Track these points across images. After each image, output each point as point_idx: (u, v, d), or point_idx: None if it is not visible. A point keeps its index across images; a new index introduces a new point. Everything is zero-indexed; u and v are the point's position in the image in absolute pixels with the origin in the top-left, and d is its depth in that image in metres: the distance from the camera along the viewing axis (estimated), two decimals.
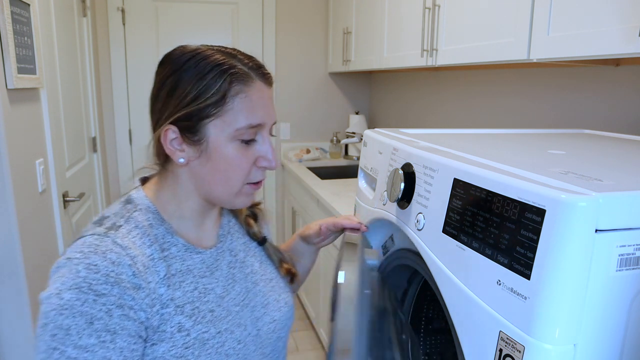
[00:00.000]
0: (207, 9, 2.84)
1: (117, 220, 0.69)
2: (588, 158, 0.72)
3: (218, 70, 0.67)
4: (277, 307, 0.82)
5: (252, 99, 0.69)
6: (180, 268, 0.72)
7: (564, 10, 1.06)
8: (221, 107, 0.67)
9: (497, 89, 1.82)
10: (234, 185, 0.72)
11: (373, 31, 2.23)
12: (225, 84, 0.67)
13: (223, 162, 0.70)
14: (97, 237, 0.65)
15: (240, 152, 0.70)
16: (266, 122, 0.71)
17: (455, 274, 0.63)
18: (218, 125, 0.68)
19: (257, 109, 0.69)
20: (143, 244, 0.68)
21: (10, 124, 1.35)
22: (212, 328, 0.71)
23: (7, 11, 1.32)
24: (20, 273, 1.39)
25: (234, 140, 0.69)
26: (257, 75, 0.71)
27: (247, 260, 0.83)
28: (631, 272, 0.50)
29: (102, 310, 0.60)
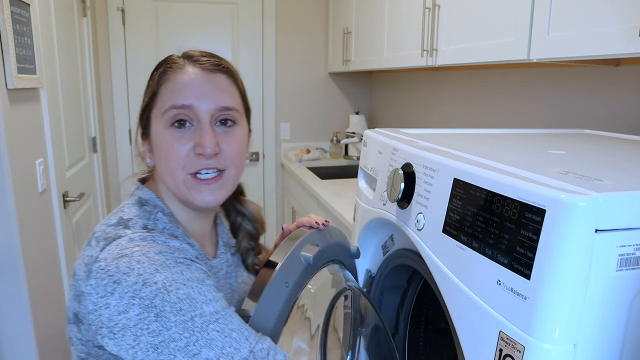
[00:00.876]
0: (207, 9, 2.84)
1: (146, 222, 0.68)
2: (588, 158, 0.72)
3: (158, 67, 0.72)
4: None
5: (176, 82, 0.69)
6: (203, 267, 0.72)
7: (564, 10, 1.06)
8: (155, 98, 0.70)
9: (497, 89, 1.82)
10: (176, 175, 0.68)
11: (373, 31, 2.23)
12: (157, 77, 0.71)
13: (161, 150, 0.69)
14: (142, 234, 0.64)
15: (174, 138, 0.68)
16: (195, 104, 0.67)
17: (455, 274, 0.63)
18: (155, 115, 0.70)
19: (182, 90, 0.68)
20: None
21: (10, 124, 1.35)
22: None
23: (7, 11, 1.32)
24: (20, 273, 1.39)
25: (167, 127, 0.68)
26: (192, 62, 0.71)
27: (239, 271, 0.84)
28: (631, 272, 0.50)
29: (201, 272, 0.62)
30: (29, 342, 1.45)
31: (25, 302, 1.41)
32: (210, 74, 0.70)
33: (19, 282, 1.39)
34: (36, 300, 1.49)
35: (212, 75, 0.70)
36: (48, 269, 1.64)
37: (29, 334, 1.44)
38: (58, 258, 1.76)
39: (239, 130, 0.72)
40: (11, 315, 1.41)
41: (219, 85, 0.70)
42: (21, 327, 1.43)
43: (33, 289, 1.46)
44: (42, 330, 1.53)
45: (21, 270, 1.39)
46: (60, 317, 1.75)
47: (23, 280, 1.40)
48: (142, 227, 0.67)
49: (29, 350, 1.45)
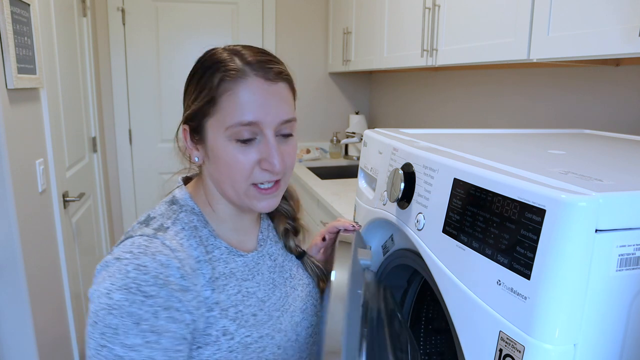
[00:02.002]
0: (207, 9, 2.84)
1: (164, 222, 0.69)
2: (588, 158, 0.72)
3: (212, 69, 0.67)
4: (314, 311, 0.81)
5: (242, 96, 0.66)
6: (224, 271, 0.72)
7: (564, 10, 1.06)
8: (213, 107, 0.67)
9: (497, 89, 1.82)
10: (238, 186, 0.69)
11: (373, 31, 2.23)
12: (215, 82, 0.67)
13: (222, 162, 0.68)
14: (146, 238, 0.65)
15: (238, 152, 0.67)
16: (262, 120, 0.67)
17: (455, 274, 0.63)
18: (213, 125, 0.68)
19: (248, 106, 0.66)
20: (190, 246, 0.68)
21: (10, 124, 1.35)
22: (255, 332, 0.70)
23: (7, 11, 1.32)
24: (20, 273, 1.39)
25: (230, 139, 0.67)
26: (254, 70, 0.67)
27: (286, 265, 0.82)
28: (631, 272, 0.50)
29: (149, 312, 0.60)
30: (29, 342, 1.45)
31: (25, 302, 1.41)
32: (273, 85, 0.68)
33: (19, 282, 1.39)
34: (36, 300, 1.49)
35: (275, 86, 0.68)
36: (48, 269, 1.64)
37: (29, 334, 1.44)
38: (58, 258, 1.76)
39: (294, 137, 0.73)
40: (11, 315, 1.41)
41: (282, 96, 0.69)
42: (21, 327, 1.43)
43: (33, 289, 1.46)
44: (42, 330, 1.53)
45: (21, 270, 1.39)
46: (60, 317, 1.75)
47: (23, 280, 1.40)
48: (158, 226, 0.68)
49: (29, 350, 1.45)
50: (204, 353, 0.66)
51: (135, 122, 2.87)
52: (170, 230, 0.68)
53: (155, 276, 0.61)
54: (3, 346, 1.42)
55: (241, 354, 0.68)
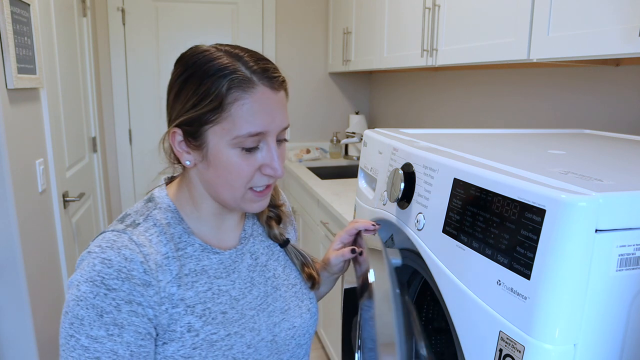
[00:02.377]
0: (207, 9, 2.84)
1: (137, 218, 0.71)
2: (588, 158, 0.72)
3: (218, 74, 0.65)
4: (298, 313, 0.80)
5: (252, 106, 0.65)
6: (195, 268, 0.72)
7: (564, 10, 1.06)
8: (220, 114, 0.65)
9: (497, 89, 1.82)
10: (236, 191, 0.70)
11: (373, 31, 2.23)
12: (223, 90, 0.65)
13: (223, 168, 0.68)
14: (115, 233, 0.68)
15: (241, 159, 0.67)
16: (269, 130, 0.67)
17: (455, 274, 0.63)
18: (218, 132, 0.66)
19: (258, 117, 0.66)
20: (159, 242, 0.70)
21: (10, 124, 1.35)
22: (222, 330, 0.71)
23: (7, 11, 1.32)
24: (20, 273, 1.39)
25: (234, 147, 0.67)
26: (262, 79, 0.66)
27: (270, 264, 0.81)
28: (631, 272, 0.50)
29: (111, 305, 0.63)
30: (29, 342, 1.45)
31: (25, 302, 1.41)
32: (277, 94, 0.69)
33: (19, 282, 1.39)
34: (36, 300, 1.49)
35: (278, 95, 0.69)
36: (48, 269, 1.64)
37: (29, 334, 1.44)
38: (58, 258, 1.76)
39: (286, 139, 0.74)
40: (11, 315, 1.41)
41: (282, 104, 0.70)
42: (21, 327, 1.43)
43: (33, 289, 1.46)
44: (42, 330, 1.53)
45: (21, 270, 1.39)
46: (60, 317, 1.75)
47: (23, 280, 1.40)
48: (130, 222, 0.70)
49: (29, 350, 1.45)
50: (169, 349, 0.67)
51: (135, 122, 2.87)
52: (140, 227, 0.70)
53: (118, 270, 0.64)
54: (3, 346, 1.42)
55: (205, 351, 0.68)
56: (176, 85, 0.69)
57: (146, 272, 0.66)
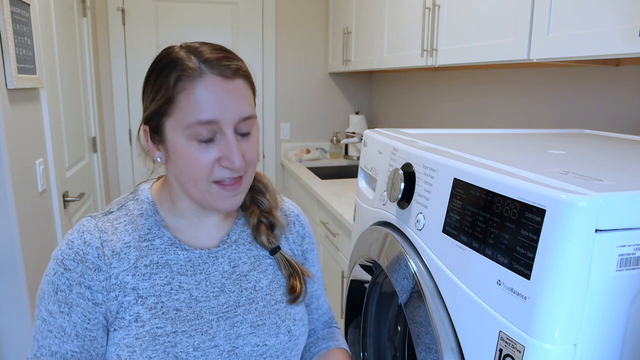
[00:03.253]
0: (207, 9, 2.84)
1: (112, 207, 0.76)
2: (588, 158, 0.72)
3: (168, 68, 0.67)
4: (274, 331, 0.75)
5: (198, 95, 0.65)
6: (158, 260, 0.72)
7: (564, 10, 1.06)
8: (170, 105, 0.67)
9: (497, 89, 1.82)
10: (200, 185, 0.69)
11: (373, 31, 2.23)
12: (172, 82, 0.66)
13: (182, 161, 0.68)
14: (89, 218, 0.73)
15: (198, 151, 0.67)
16: (221, 118, 0.66)
17: (455, 274, 0.63)
18: (172, 125, 0.68)
19: (206, 104, 0.65)
20: (125, 231, 0.72)
21: (10, 124, 1.35)
22: (169, 325, 0.69)
23: (7, 11, 1.32)
24: (20, 273, 1.39)
25: (190, 139, 0.66)
26: (211, 67, 0.66)
27: (252, 276, 0.77)
28: (631, 272, 0.50)
29: (65, 284, 0.68)
30: (29, 341, 1.45)
31: (25, 302, 1.41)
32: (230, 82, 0.67)
33: (19, 282, 1.39)
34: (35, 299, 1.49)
35: (232, 83, 0.67)
36: None
37: (28, 333, 1.44)
38: None
39: (255, 132, 0.72)
40: (11, 315, 1.41)
41: (239, 93, 0.68)
42: (21, 327, 1.43)
43: (33, 289, 1.47)
44: None
45: (21, 270, 1.39)
46: None
47: (23, 280, 1.40)
48: (106, 211, 0.75)
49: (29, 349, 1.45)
50: (117, 336, 0.69)
51: (135, 122, 2.87)
52: (112, 215, 0.74)
53: (76, 252, 0.69)
54: (3, 345, 1.42)
55: (147, 343, 0.68)
56: (143, 85, 0.73)
57: (99, 258, 0.69)
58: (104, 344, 0.71)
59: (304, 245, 0.87)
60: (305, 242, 0.87)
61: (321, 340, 0.88)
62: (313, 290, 0.89)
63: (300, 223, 0.87)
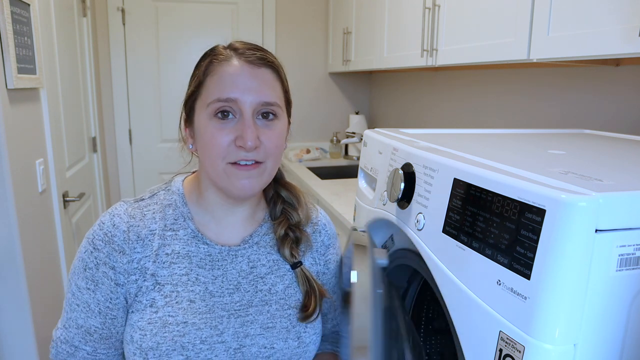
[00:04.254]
0: (207, 9, 2.84)
1: (145, 195, 0.80)
2: (588, 158, 0.72)
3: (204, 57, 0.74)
4: (283, 336, 0.76)
5: (223, 75, 0.70)
6: (179, 250, 0.75)
7: (564, 10, 1.06)
8: (201, 88, 0.72)
9: (497, 89, 1.82)
10: (215, 163, 0.71)
11: (373, 31, 2.23)
12: (203, 67, 0.73)
13: (204, 140, 0.71)
14: (122, 203, 0.77)
15: (216, 129, 0.70)
16: (239, 98, 0.69)
17: (455, 274, 0.63)
18: (200, 106, 0.73)
19: (227, 84, 0.70)
20: (152, 219, 0.75)
21: (10, 124, 1.35)
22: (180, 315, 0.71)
23: (7, 11, 1.32)
24: (20, 273, 1.39)
25: (211, 117, 0.71)
26: (238, 54, 0.72)
27: (268, 279, 0.78)
28: (631, 272, 0.50)
29: (92, 262, 0.72)
30: (29, 342, 1.45)
31: (25, 302, 1.41)
32: (256, 68, 0.72)
33: (19, 282, 1.39)
34: (36, 299, 1.49)
35: (257, 70, 0.72)
36: (48, 269, 1.64)
37: (28, 333, 1.44)
38: (58, 258, 1.76)
39: (279, 124, 0.74)
40: (11, 315, 1.41)
41: (263, 79, 0.72)
42: (21, 327, 1.43)
43: (33, 289, 1.46)
44: (42, 330, 1.53)
45: (21, 270, 1.39)
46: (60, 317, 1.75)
47: (23, 280, 1.40)
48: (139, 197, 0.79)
49: (29, 349, 1.45)
50: (133, 318, 0.73)
51: (135, 122, 2.87)
52: (143, 202, 0.78)
53: (105, 233, 0.73)
54: (3, 345, 1.42)
55: (157, 328, 0.70)
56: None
57: (125, 241, 0.72)
58: (123, 323, 0.74)
59: (328, 255, 0.87)
60: (329, 253, 0.87)
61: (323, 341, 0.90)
62: (332, 301, 0.89)
63: (326, 233, 0.88)
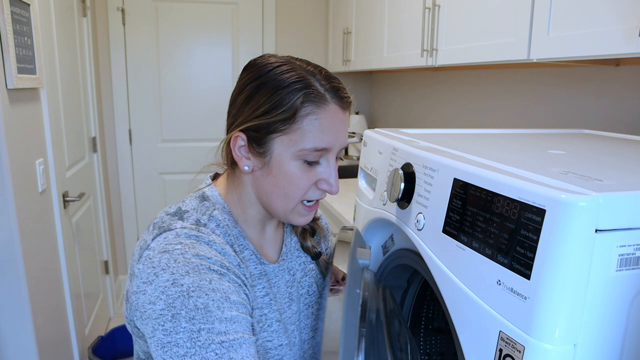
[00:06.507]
0: (207, 9, 2.84)
1: (200, 217, 0.70)
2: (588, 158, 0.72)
3: (293, 87, 0.66)
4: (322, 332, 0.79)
5: (322, 123, 0.67)
6: (254, 272, 0.73)
7: (564, 10, 1.06)
8: (290, 125, 0.66)
9: (497, 89, 1.82)
10: (290, 201, 0.70)
11: (373, 31, 2.23)
12: (298, 102, 0.66)
13: (283, 178, 0.68)
14: (190, 230, 0.66)
15: (301, 171, 0.68)
16: (333, 147, 0.69)
17: (455, 274, 0.63)
18: (284, 142, 0.67)
19: (326, 133, 0.67)
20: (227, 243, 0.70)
21: (10, 124, 1.35)
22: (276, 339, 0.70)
23: (7, 11, 1.32)
24: (20, 273, 1.39)
25: (297, 159, 0.68)
26: (334, 97, 0.69)
27: (304, 281, 0.81)
28: (631, 272, 0.50)
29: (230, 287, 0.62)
30: (29, 342, 1.45)
31: (25, 302, 1.41)
32: (345, 113, 0.71)
33: (19, 282, 1.39)
34: (36, 300, 1.49)
35: (345, 114, 0.71)
36: (48, 269, 1.64)
37: (29, 333, 1.44)
38: (58, 258, 1.76)
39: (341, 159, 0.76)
40: (11, 315, 1.41)
41: (347, 124, 0.72)
42: (21, 326, 1.43)
43: (33, 289, 1.46)
44: (42, 330, 1.53)
45: (21, 270, 1.39)
46: (60, 317, 1.75)
47: (23, 280, 1.40)
48: (195, 221, 0.68)
49: (29, 350, 1.45)
50: None
51: (135, 122, 2.87)
52: (208, 227, 0.69)
53: (218, 261, 0.64)
54: (3, 345, 1.42)
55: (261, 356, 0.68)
56: (247, 91, 0.69)
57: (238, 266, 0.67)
58: None
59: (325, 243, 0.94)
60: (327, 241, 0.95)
61: None
62: None
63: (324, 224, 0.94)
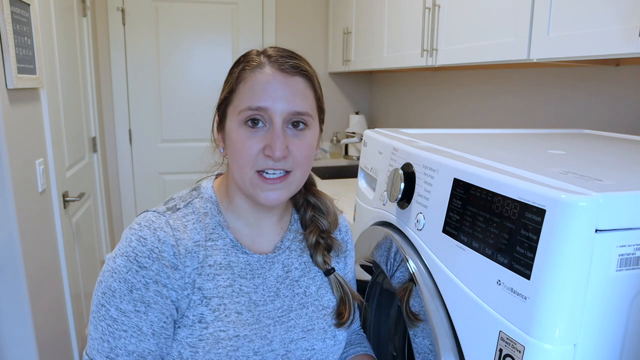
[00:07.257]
0: (207, 9, 2.84)
1: (178, 203, 0.75)
2: (588, 158, 0.72)
3: (238, 62, 0.74)
4: (321, 336, 0.77)
5: (254, 83, 0.70)
6: (221, 261, 0.73)
7: (564, 10, 1.06)
8: (233, 94, 0.72)
9: (497, 89, 1.82)
10: (244, 172, 0.70)
11: (373, 31, 2.23)
12: (236, 73, 0.72)
13: (233, 147, 0.71)
14: (156, 214, 0.72)
15: (246, 137, 0.69)
16: (270, 107, 0.68)
17: (455, 274, 0.63)
18: (231, 111, 0.72)
19: (258, 92, 0.69)
20: (194, 229, 0.72)
21: (10, 124, 1.35)
22: (232, 329, 0.70)
23: (7, 11, 1.32)
24: (20, 273, 1.39)
25: (240, 124, 0.70)
26: (270, 62, 0.71)
27: (302, 281, 0.79)
28: (631, 272, 0.50)
29: (140, 282, 0.66)
30: (29, 342, 1.45)
31: (25, 302, 1.41)
32: (288, 77, 0.71)
33: (19, 282, 1.39)
34: (36, 300, 1.49)
35: (289, 78, 0.71)
36: (48, 269, 1.64)
37: (29, 333, 1.44)
38: (58, 258, 1.76)
39: (309, 133, 0.73)
40: (11, 315, 1.41)
41: (295, 88, 0.71)
42: (21, 326, 1.43)
43: (33, 289, 1.46)
44: (42, 330, 1.53)
45: (21, 270, 1.39)
46: (60, 317, 1.75)
47: (23, 280, 1.40)
48: (172, 206, 0.74)
49: (29, 350, 1.45)
50: (180, 334, 0.69)
51: (135, 122, 2.87)
52: (180, 212, 0.73)
53: (151, 249, 0.67)
54: (3, 345, 1.42)
55: (210, 345, 0.68)
56: None
57: (175, 256, 0.68)
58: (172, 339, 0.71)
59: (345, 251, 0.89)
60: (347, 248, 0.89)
61: (349, 345, 0.89)
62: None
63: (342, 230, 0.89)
